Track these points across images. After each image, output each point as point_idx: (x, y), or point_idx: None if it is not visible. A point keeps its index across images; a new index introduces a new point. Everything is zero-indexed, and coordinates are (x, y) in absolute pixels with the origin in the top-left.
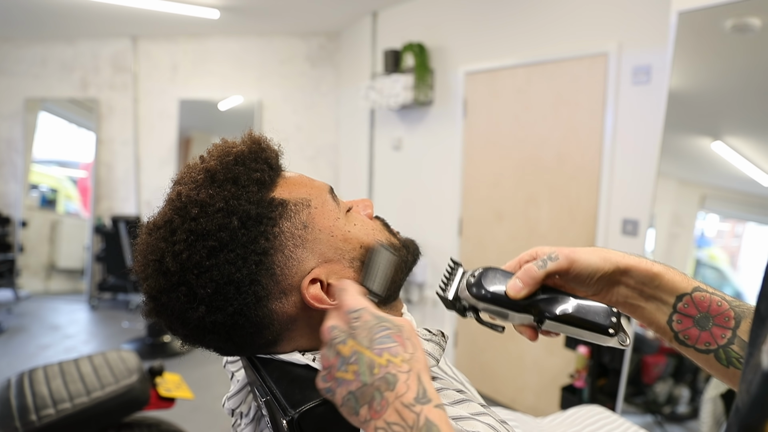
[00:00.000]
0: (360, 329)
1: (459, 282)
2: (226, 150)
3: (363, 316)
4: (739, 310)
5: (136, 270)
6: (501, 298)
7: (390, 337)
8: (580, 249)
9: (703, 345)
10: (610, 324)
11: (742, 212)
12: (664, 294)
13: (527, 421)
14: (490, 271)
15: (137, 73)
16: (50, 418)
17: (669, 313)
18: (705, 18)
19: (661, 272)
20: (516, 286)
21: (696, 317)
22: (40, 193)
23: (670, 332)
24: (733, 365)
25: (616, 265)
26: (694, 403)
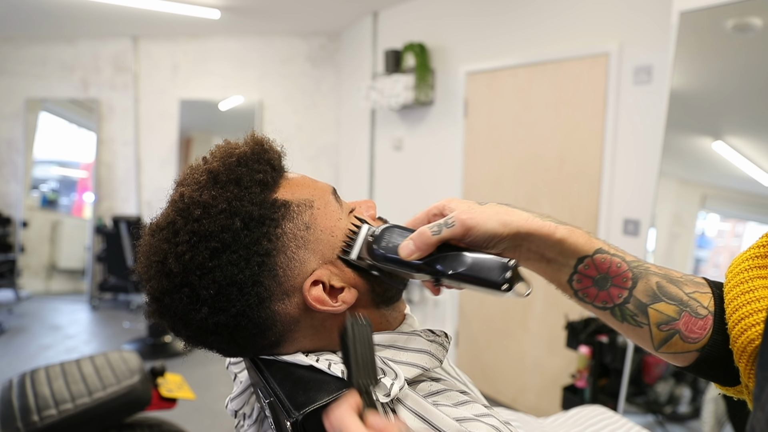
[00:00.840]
0: None
1: (362, 241)
2: (229, 151)
3: None
4: (636, 271)
5: (138, 271)
6: (396, 258)
7: None
8: (481, 211)
9: (601, 303)
10: (503, 280)
11: (743, 212)
12: (566, 258)
13: (529, 421)
14: (389, 230)
15: (138, 73)
16: (52, 419)
17: (570, 273)
18: (706, 18)
19: (564, 237)
20: (409, 248)
21: (595, 278)
22: (40, 194)
23: (570, 290)
24: (626, 321)
25: (516, 230)
26: (696, 402)
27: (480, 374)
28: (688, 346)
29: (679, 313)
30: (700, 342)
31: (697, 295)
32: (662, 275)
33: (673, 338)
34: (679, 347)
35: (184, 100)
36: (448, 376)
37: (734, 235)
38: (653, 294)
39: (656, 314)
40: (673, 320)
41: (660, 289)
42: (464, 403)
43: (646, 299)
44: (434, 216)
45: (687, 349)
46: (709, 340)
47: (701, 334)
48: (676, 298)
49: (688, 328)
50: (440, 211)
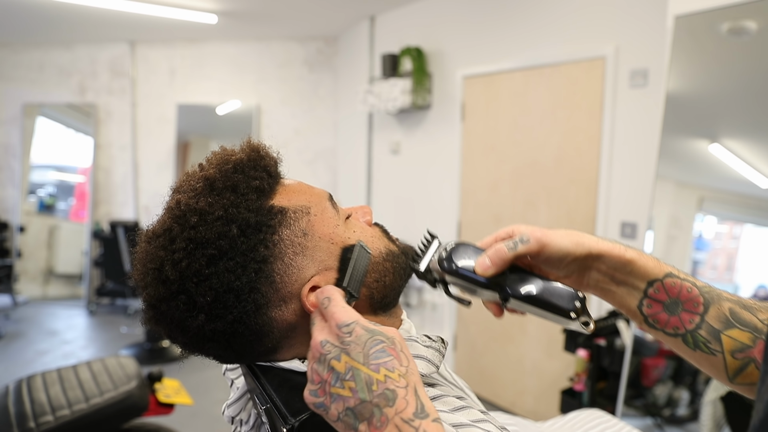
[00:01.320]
0: (354, 344)
1: (432, 255)
2: (225, 158)
3: (355, 330)
4: (708, 297)
5: (135, 278)
6: (469, 274)
7: (385, 351)
8: (553, 232)
9: (672, 329)
10: (572, 308)
11: (740, 214)
12: (636, 280)
13: (527, 425)
14: (462, 247)
15: (135, 78)
16: (49, 425)
17: (640, 298)
18: (702, 21)
19: (634, 259)
20: (484, 264)
21: (666, 302)
22: (38, 198)
23: (640, 316)
24: (699, 349)
25: (588, 250)
26: (694, 405)
27: (478, 378)
28: None
29: (753, 340)
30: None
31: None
32: (735, 301)
33: (748, 367)
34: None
35: (182, 105)
36: (445, 382)
37: (731, 237)
38: (726, 320)
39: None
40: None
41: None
42: (461, 408)
43: (719, 325)
44: (502, 238)
45: None
46: None
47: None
48: (750, 325)
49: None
50: (508, 235)
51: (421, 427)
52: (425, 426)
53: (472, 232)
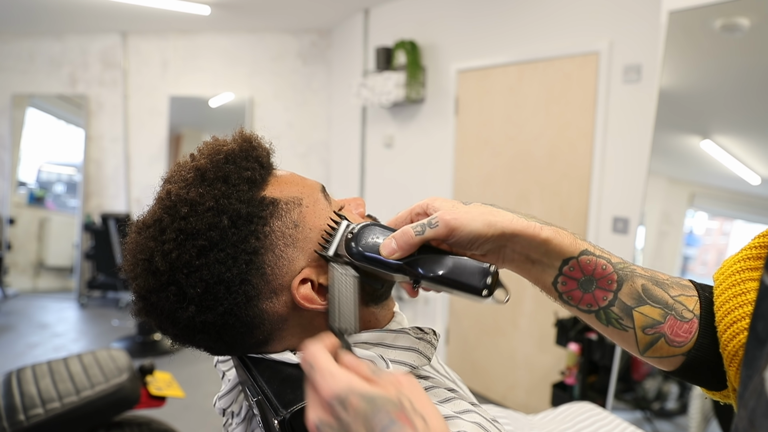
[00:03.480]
0: (353, 423)
1: (340, 237)
2: (217, 148)
3: (351, 403)
4: (622, 273)
5: (125, 269)
6: (376, 257)
7: (393, 420)
8: (465, 212)
9: (586, 306)
10: (483, 285)
11: (731, 210)
12: (550, 258)
13: (518, 418)
14: (369, 227)
15: (127, 70)
16: (39, 418)
17: (554, 275)
18: (695, 18)
19: (549, 238)
20: (390, 247)
21: (580, 280)
22: (28, 190)
23: (555, 292)
24: (612, 325)
25: (501, 230)
26: (683, 399)
27: (470, 371)
28: (674, 350)
29: (664, 316)
30: (686, 346)
31: (683, 298)
32: (648, 277)
33: (658, 342)
34: (664, 351)
35: (174, 97)
36: (437, 374)
37: (722, 233)
38: (638, 297)
39: (641, 317)
40: (658, 323)
41: (645, 291)
42: (450, 400)
43: (631, 302)
44: (417, 215)
45: (672, 353)
46: (695, 343)
47: (687, 337)
48: (661, 301)
49: (674, 332)
50: (424, 210)
51: None
52: None
53: None
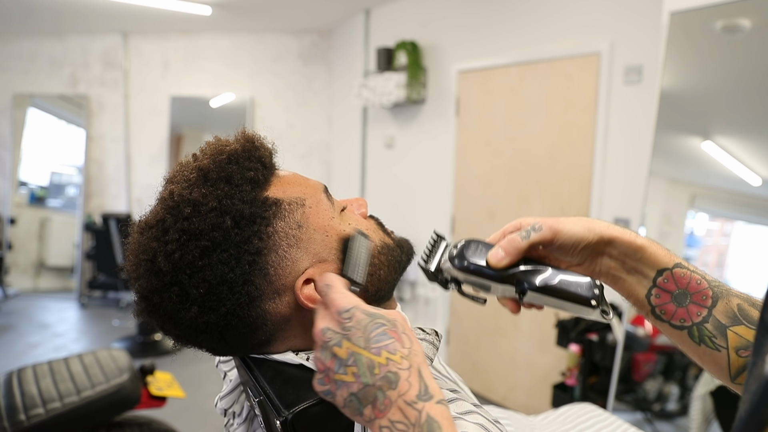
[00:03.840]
0: (354, 329)
1: (441, 254)
2: (219, 148)
3: (355, 315)
4: (717, 290)
5: (127, 269)
6: (482, 269)
7: (386, 333)
8: (564, 219)
9: (678, 321)
10: (592, 295)
11: (731, 211)
12: (645, 267)
13: (519, 419)
14: (472, 243)
15: (128, 70)
16: (39, 418)
17: (648, 286)
18: (696, 18)
19: (645, 245)
20: (498, 254)
21: (674, 293)
22: (29, 190)
23: (648, 306)
24: (704, 343)
25: (600, 235)
26: (684, 400)
27: (471, 372)
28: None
29: None
30: None
31: None
32: (744, 298)
33: None
34: None
35: (175, 97)
36: (439, 375)
37: (722, 235)
38: (734, 315)
39: (736, 338)
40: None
41: (741, 311)
42: (452, 401)
43: (726, 320)
44: (510, 233)
45: None
46: None
47: None
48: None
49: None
50: (516, 228)
51: (425, 409)
52: (428, 408)
53: (465, 227)
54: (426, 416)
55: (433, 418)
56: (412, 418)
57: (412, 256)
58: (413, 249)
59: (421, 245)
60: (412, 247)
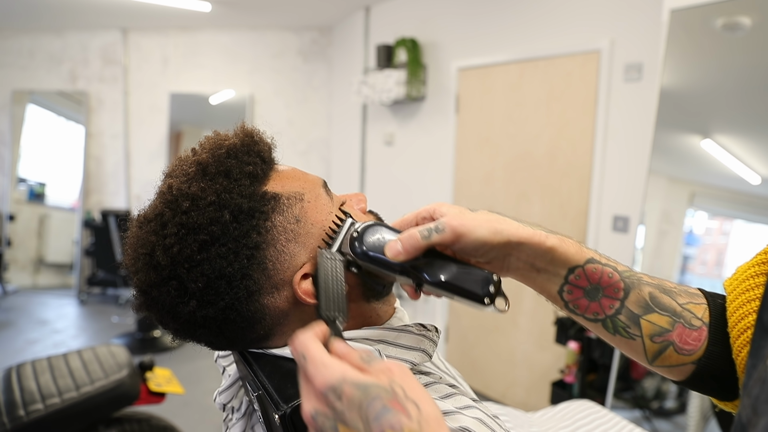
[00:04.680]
0: (347, 411)
1: (344, 235)
2: (218, 142)
3: (345, 392)
4: (629, 281)
5: (126, 263)
6: (380, 258)
7: (386, 407)
8: (472, 218)
9: (592, 314)
10: (485, 293)
11: (731, 210)
12: (556, 267)
13: (518, 415)
14: (374, 227)
15: (127, 66)
16: (39, 413)
17: (560, 284)
18: (697, 16)
19: (555, 246)
20: (395, 249)
21: (586, 288)
22: (28, 187)
23: (561, 301)
24: (619, 333)
25: (507, 238)
26: (682, 398)
27: (469, 369)
28: (683, 359)
29: (672, 324)
30: (695, 354)
31: (691, 306)
32: (655, 285)
33: (666, 350)
34: (673, 360)
35: (175, 94)
36: (438, 370)
37: (722, 233)
38: (646, 305)
39: (649, 326)
40: (666, 331)
41: (653, 299)
42: (451, 395)
43: (639, 310)
44: (423, 219)
45: (682, 362)
46: (705, 351)
47: (696, 345)
48: (669, 309)
49: (682, 340)
50: (430, 215)
51: None
52: None
53: None
54: None
55: None
56: None
57: None
58: None
59: None
60: None
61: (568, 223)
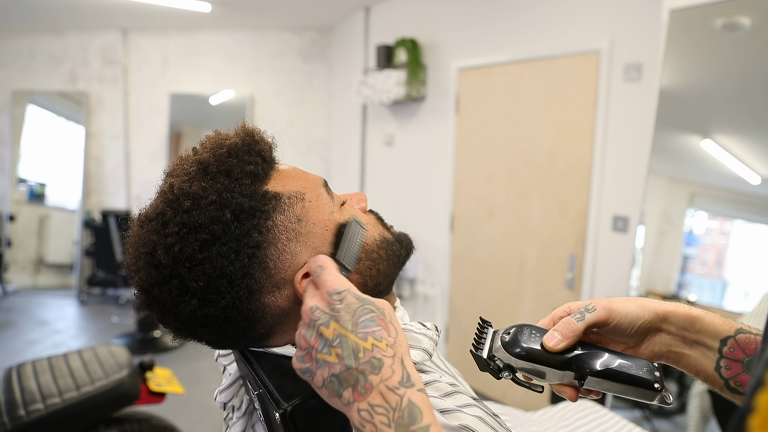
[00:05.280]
0: (343, 312)
1: (492, 340)
2: (219, 142)
3: (346, 297)
4: None
5: (127, 262)
6: (538, 354)
7: (374, 320)
8: (616, 299)
9: None
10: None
11: (730, 210)
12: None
13: (518, 415)
14: (525, 328)
15: (127, 67)
16: (39, 413)
17: (716, 359)
18: (696, 16)
19: (701, 315)
20: (554, 337)
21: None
22: (28, 187)
23: (720, 380)
24: None
25: (654, 312)
26: (682, 398)
27: (469, 369)
28: None
29: None
30: None
31: None
32: None
33: None
34: None
35: (175, 94)
36: (438, 369)
37: (722, 233)
38: None
39: None
40: None
41: None
42: (451, 394)
43: None
44: (560, 318)
45: None
46: None
47: None
48: None
49: None
50: (566, 312)
51: (406, 395)
52: (410, 394)
53: (465, 224)
54: (407, 401)
55: (414, 404)
56: (393, 403)
57: (411, 250)
58: (412, 244)
59: (419, 243)
60: (411, 241)
61: (568, 223)
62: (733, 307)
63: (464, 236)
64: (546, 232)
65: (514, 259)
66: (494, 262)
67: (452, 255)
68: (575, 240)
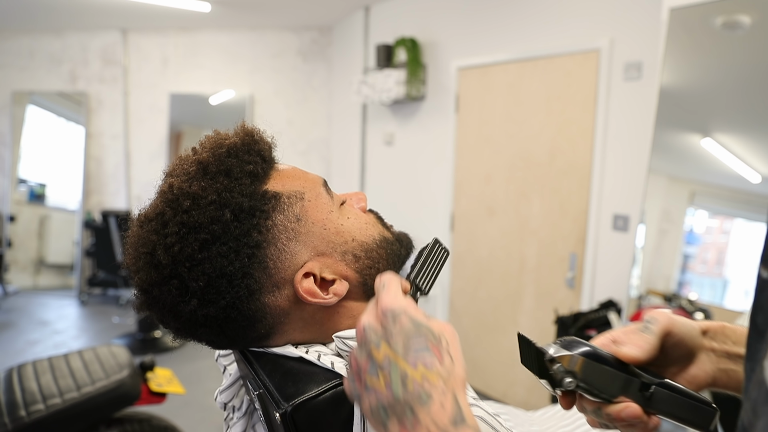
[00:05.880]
0: (396, 335)
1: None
2: (219, 142)
3: (401, 319)
4: None
5: (127, 262)
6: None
7: (427, 347)
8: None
9: None
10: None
11: (731, 208)
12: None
13: (518, 414)
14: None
15: (127, 67)
16: (40, 414)
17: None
18: (696, 15)
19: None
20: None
21: None
22: (28, 188)
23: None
24: None
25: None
26: None
27: (470, 369)
28: None
29: None
30: None
31: None
32: None
33: None
34: None
35: (174, 94)
36: None
37: (722, 232)
38: None
39: None
40: None
41: None
42: None
43: None
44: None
45: None
46: None
47: None
48: None
49: None
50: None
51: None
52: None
53: (465, 224)
54: None
55: None
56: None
57: (411, 250)
58: (412, 243)
59: (420, 243)
60: (411, 241)
61: (568, 223)
62: (734, 306)
63: (464, 235)
64: (546, 231)
65: (514, 258)
66: (494, 261)
67: (452, 254)
68: (576, 239)
